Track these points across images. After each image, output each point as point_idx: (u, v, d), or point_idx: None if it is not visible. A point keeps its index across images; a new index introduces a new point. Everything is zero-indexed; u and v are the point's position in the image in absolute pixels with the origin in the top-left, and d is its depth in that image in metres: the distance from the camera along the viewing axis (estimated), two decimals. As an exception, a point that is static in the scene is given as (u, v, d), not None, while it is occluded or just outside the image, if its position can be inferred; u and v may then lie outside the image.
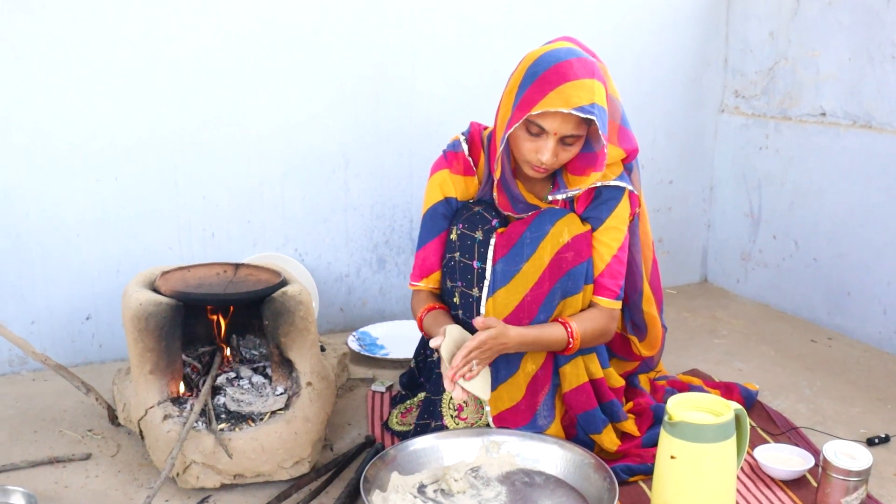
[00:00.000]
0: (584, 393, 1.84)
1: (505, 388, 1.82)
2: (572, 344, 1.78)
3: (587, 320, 1.80)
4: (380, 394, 2.26)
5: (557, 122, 1.65)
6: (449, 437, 1.82)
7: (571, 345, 1.78)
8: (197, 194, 2.49)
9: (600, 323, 1.81)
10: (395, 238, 2.76)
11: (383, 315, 2.81)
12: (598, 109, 1.64)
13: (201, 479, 1.76)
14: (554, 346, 1.78)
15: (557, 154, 1.69)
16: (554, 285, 1.78)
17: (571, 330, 1.77)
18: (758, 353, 2.59)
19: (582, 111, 1.62)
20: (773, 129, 2.93)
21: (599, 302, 1.83)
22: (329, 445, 1.99)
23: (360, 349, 2.53)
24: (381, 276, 2.78)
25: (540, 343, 1.76)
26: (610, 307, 1.83)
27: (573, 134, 1.67)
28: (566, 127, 1.66)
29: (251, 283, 1.95)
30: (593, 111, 1.63)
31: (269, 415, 1.83)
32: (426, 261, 1.92)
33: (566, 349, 1.79)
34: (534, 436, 1.81)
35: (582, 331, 1.78)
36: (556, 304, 1.79)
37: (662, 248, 3.21)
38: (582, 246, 1.79)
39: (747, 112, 3.05)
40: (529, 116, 1.65)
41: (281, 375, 1.91)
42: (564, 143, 1.69)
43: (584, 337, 1.78)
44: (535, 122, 1.66)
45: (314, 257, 2.68)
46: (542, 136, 1.68)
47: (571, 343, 1.78)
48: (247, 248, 2.58)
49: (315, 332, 1.92)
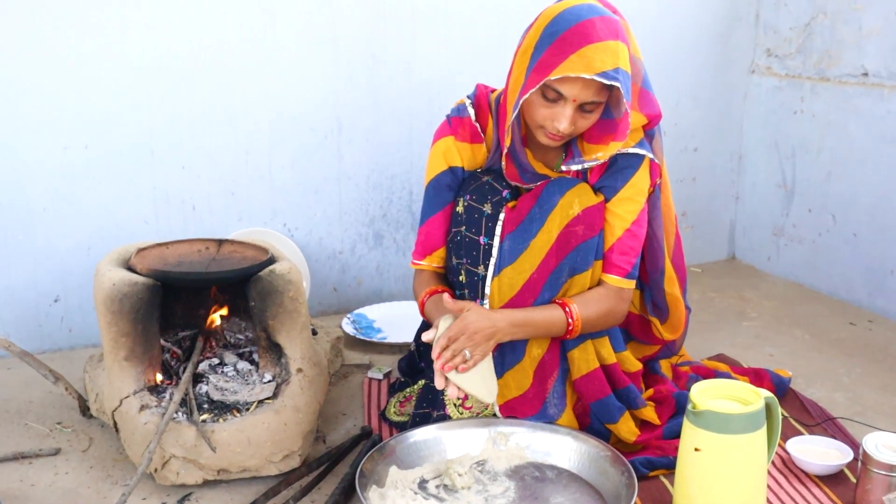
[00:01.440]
0: (595, 380, 1.84)
1: (511, 374, 1.82)
2: (573, 327, 1.76)
3: (591, 301, 1.79)
4: (377, 381, 2.26)
5: (578, 88, 1.63)
6: (452, 428, 1.81)
7: (572, 328, 1.76)
8: (175, 164, 2.48)
9: (606, 303, 1.80)
10: (393, 211, 2.75)
11: (380, 295, 2.81)
12: (623, 75, 1.62)
13: (182, 474, 1.76)
14: (552, 330, 1.77)
15: (575, 122, 1.68)
16: (561, 261, 1.77)
17: (571, 311, 1.76)
18: (791, 336, 2.59)
19: (605, 77, 1.60)
20: (809, 91, 2.91)
21: (607, 280, 1.81)
22: (322, 437, 1.99)
23: (355, 333, 2.53)
24: (378, 253, 2.77)
25: (534, 326, 1.74)
26: (619, 286, 1.81)
27: (593, 101, 1.66)
28: (587, 93, 1.64)
29: (236, 261, 1.95)
30: (617, 77, 1.60)
31: (256, 404, 1.83)
32: (429, 237, 1.91)
33: (567, 333, 1.78)
34: (544, 426, 1.81)
35: (584, 313, 1.77)
36: (562, 282, 1.78)
37: (686, 223, 3.20)
38: (594, 218, 1.78)
39: (781, 73, 3.03)
40: (547, 81, 1.63)
41: (269, 361, 1.91)
42: (583, 111, 1.68)
43: (586, 319, 1.77)
44: (552, 88, 1.64)
45: (305, 232, 2.67)
46: (560, 103, 1.66)
47: (572, 326, 1.76)
48: (231, 223, 2.57)
49: (306, 315, 1.92)
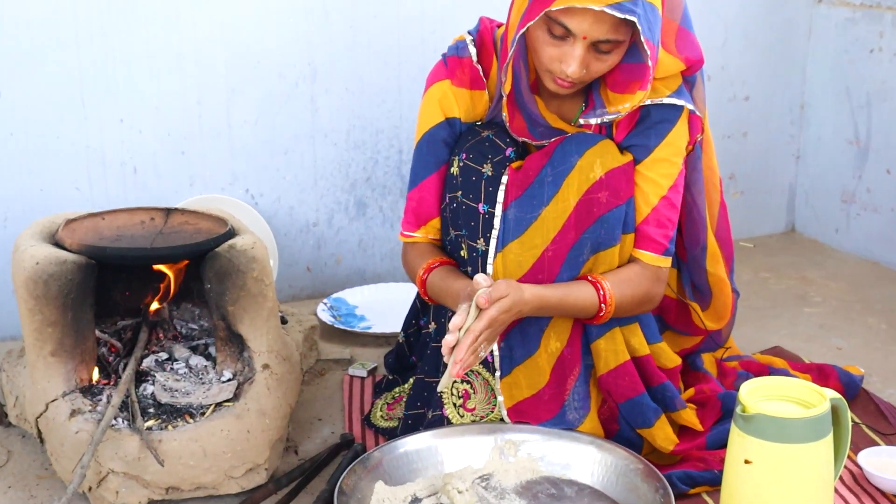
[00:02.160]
0: (625, 374, 1.85)
1: (522, 371, 1.83)
2: (605, 310, 1.77)
3: (625, 281, 1.79)
4: (359, 379, 2.26)
5: (588, 23, 1.62)
6: (451, 436, 1.81)
7: (604, 311, 1.77)
8: (112, 116, 2.47)
9: (642, 285, 1.81)
10: (378, 174, 2.75)
11: (363, 276, 2.80)
12: (644, 6, 1.62)
13: (122, 494, 1.75)
14: (582, 312, 1.78)
15: (588, 64, 1.68)
16: (581, 235, 1.77)
17: (604, 291, 1.77)
18: (863, 325, 2.58)
19: (619, 9, 1.59)
20: (889, 24, 2.89)
21: (642, 257, 1.82)
22: (293, 447, 2.00)
23: (333, 321, 2.53)
24: (361, 225, 2.77)
25: (564, 307, 1.76)
26: (655, 264, 1.82)
27: (610, 39, 1.65)
28: (599, 29, 1.63)
29: (187, 235, 1.94)
30: (635, 10, 1.60)
31: (213, 408, 1.83)
32: (423, 203, 1.92)
33: (597, 316, 1.79)
34: (562, 433, 1.81)
35: (619, 294, 1.77)
36: (584, 260, 1.79)
37: (734, 188, 3.19)
38: (620, 183, 1.78)
39: (854, 2, 3.01)
40: (549, 12, 1.63)
41: (228, 356, 1.91)
42: (598, 51, 1.67)
43: (620, 301, 1.78)
44: (557, 21, 1.64)
45: (271, 200, 2.67)
46: (568, 40, 1.66)
47: (604, 309, 1.77)
48: (181, 189, 2.57)
49: (273, 299, 1.92)
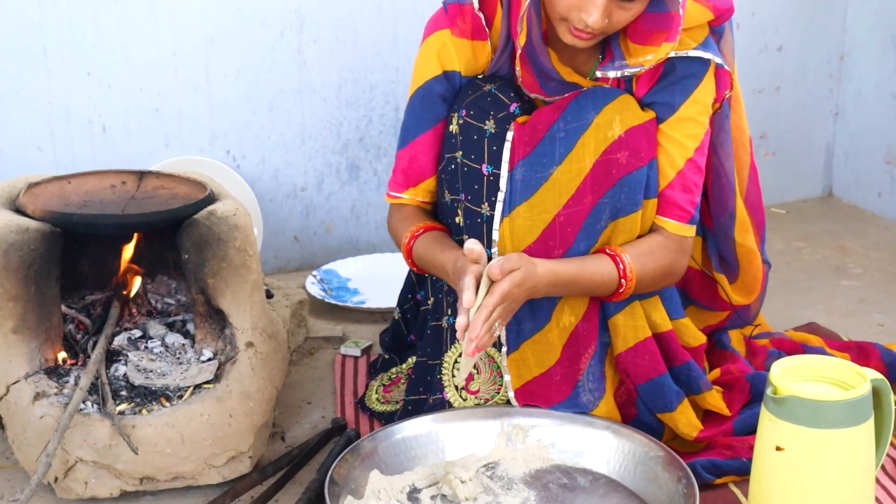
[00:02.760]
0: (645, 352, 1.85)
1: (531, 347, 1.83)
2: (625, 286, 1.78)
3: (646, 253, 1.80)
4: (352, 359, 2.26)
5: None
6: (453, 420, 1.82)
7: (624, 287, 1.78)
8: (78, 69, 2.47)
9: (666, 256, 1.82)
10: (373, 133, 2.74)
11: (357, 246, 2.81)
12: None
13: (92, 485, 1.75)
14: (599, 289, 1.79)
15: (610, 13, 1.68)
16: (599, 200, 1.77)
17: (624, 265, 1.77)
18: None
19: None
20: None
21: (665, 225, 1.83)
22: (280, 434, 2.00)
23: (323, 295, 2.53)
24: (354, 190, 2.77)
25: (579, 284, 1.76)
26: (680, 234, 1.83)
27: None
28: None
29: (163, 201, 1.94)
30: None
31: (192, 390, 1.83)
32: (414, 162, 1.92)
33: (616, 293, 1.79)
34: (575, 417, 1.82)
35: (640, 267, 1.78)
36: (601, 228, 1.79)
37: (766, 148, 3.18)
38: (641, 143, 1.77)
39: (899, -60, 3.00)
40: None
41: (208, 333, 1.92)
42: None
43: (642, 275, 1.78)
44: None
45: (255, 162, 2.67)
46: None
47: (624, 284, 1.78)
48: (156, 149, 2.57)
49: (258, 271, 1.92)
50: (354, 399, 2.11)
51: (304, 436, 2.00)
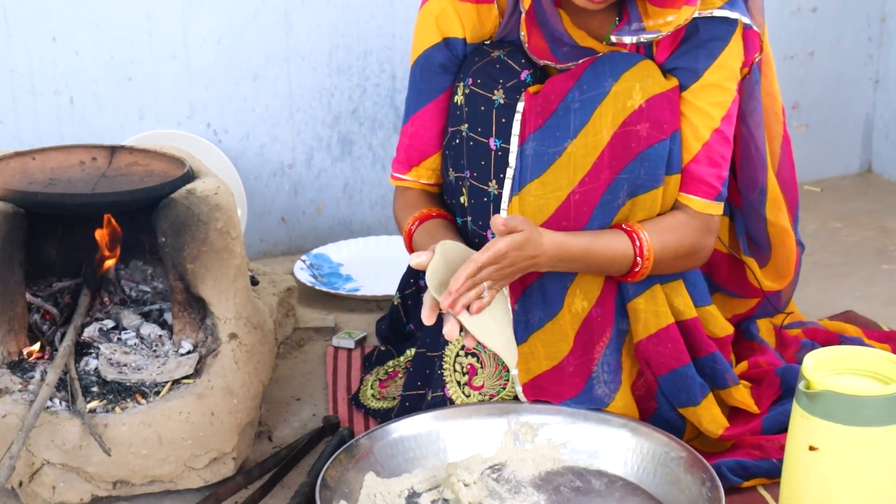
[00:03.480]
0: (668, 340, 1.85)
1: (540, 337, 1.83)
2: (641, 264, 1.78)
3: (668, 230, 1.80)
4: (346, 351, 2.27)
5: None
6: (455, 418, 1.82)
7: (640, 266, 1.78)
8: (43, 34, 2.45)
9: (690, 235, 1.82)
10: (367, 105, 2.74)
11: (350, 228, 2.81)
12: None
13: (60, 489, 1.74)
14: (612, 267, 1.78)
15: None
16: (617, 175, 1.77)
17: (641, 241, 1.77)
18: (954, 285, 2.59)
19: None
20: None
21: (690, 203, 1.83)
22: (267, 433, 2.01)
23: (313, 282, 2.54)
24: (347, 167, 2.78)
25: (589, 259, 1.75)
26: (706, 212, 1.83)
27: None
28: None
29: (137, 178, 1.94)
30: None
31: (170, 386, 1.84)
32: (417, 139, 1.92)
33: (632, 272, 1.79)
34: (589, 414, 1.82)
35: (659, 245, 1.78)
36: (619, 206, 1.79)
37: (798, 119, 3.17)
38: (663, 113, 1.77)
39: None
40: None
41: (187, 324, 1.92)
42: None
43: (661, 254, 1.78)
44: None
45: (238, 136, 2.66)
46: None
47: (640, 263, 1.78)
48: (129, 122, 2.56)
49: (242, 256, 1.93)
50: (348, 395, 2.11)
51: (292, 435, 2.00)
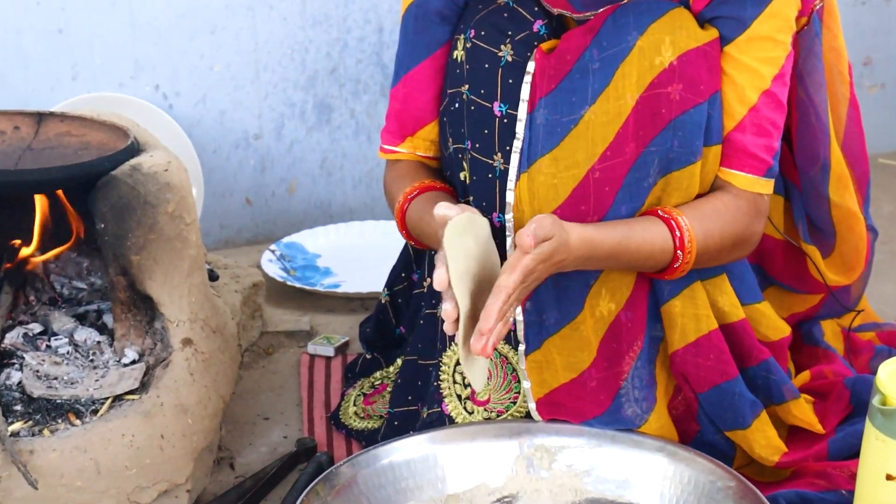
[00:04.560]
0: (710, 350, 1.85)
1: (556, 344, 1.83)
2: (683, 258, 1.78)
3: (711, 215, 1.80)
4: (323, 360, 2.28)
5: None
6: (456, 440, 1.82)
7: (681, 261, 1.78)
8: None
9: (736, 221, 1.82)
10: (348, 63, 2.76)
11: (328, 211, 2.83)
12: None
13: (-23, 528, 1.76)
14: (647, 263, 1.79)
15: None
16: (645, 148, 1.77)
17: (682, 230, 1.77)
18: None
19: None
20: None
21: (734, 180, 1.83)
22: (228, 460, 2.01)
23: (285, 277, 2.54)
24: (324, 137, 2.78)
25: (621, 256, 1.76)
26: (754, 190, 1.84)
27: None
28: None
29: (70, 152, 1.95)
30: None
31: (111, 403, 1.84)
32: (410, 103, 1.94)
33: (671, 269, 1.79)
34: (618, 436, 1.82)
35: (702, 234, 1.78)
36: (649, 186, 1.80)
37: (870, 79, 3.19)
38: (700, 71, 1.77)
39: None
40: None
41: (132, 328, 1.92)
42: None
43: (705, 245, 1.78)
44: None
45: (193, 101, 2.67)
46: None
47: (681, 257, 1.77)
48: (60, 84, 2.58)
49: (198, 246, 1.94)
50: (326, 413, 2.11)
51: (259, 462, 2.00)
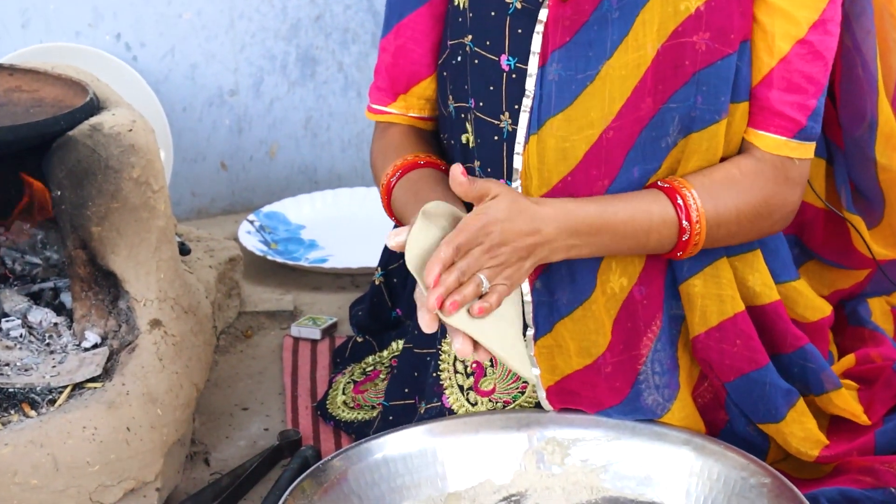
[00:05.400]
0: (736, 335, 1.86)
1: (569, 327, 1.84)
2: (691, 232, 1.78)
3: (724, 183, 1.81)
4: (309, 343, 2.29)
5: None
6: (458, 433, 1.84)
7: (688, 237, 1.78)
8: None
9: (759, 189, 1.82)
10: (335, 9, 2.77)
11: (314, 178, 2.85)
12: None
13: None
14: (649, 242, 1.79)
15: None
16: (664, 104, 1.79)
17: (686, 202, 1.78)
18: None
19: None
20: None
21: (758, 142, 1.84)
22: (203, 454, 2.02)
23: (265, 250, 2.55)
24: (309, 94, 2.80)
25: (616, 229, 1.76)
26: (784, 154, 1.83)
27: None
28: None
29: (20, 110, 1.97)
30: None
31: (70, 392, 1.85)
32: (403, 55, 1.96)
33: (677, 248, 1.80)
34: (637, 427, 1.84)
35: (713, 205, 1.79)
36: (667, 146, 1.81)
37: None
38: (730, 18, 1.77)
39: None
40: None
41: (93, 307, 1.94)
42: None
43: (717, 218, 1.79)
44: None
45: (160, 53, 2.68)
46: None
47: (689, 231, 1.78)
48: (9, 33, 2.58)
49: (167, 216, 1.95)
50: (312, 402, 2.12)
51: (237, 457, 2.01)
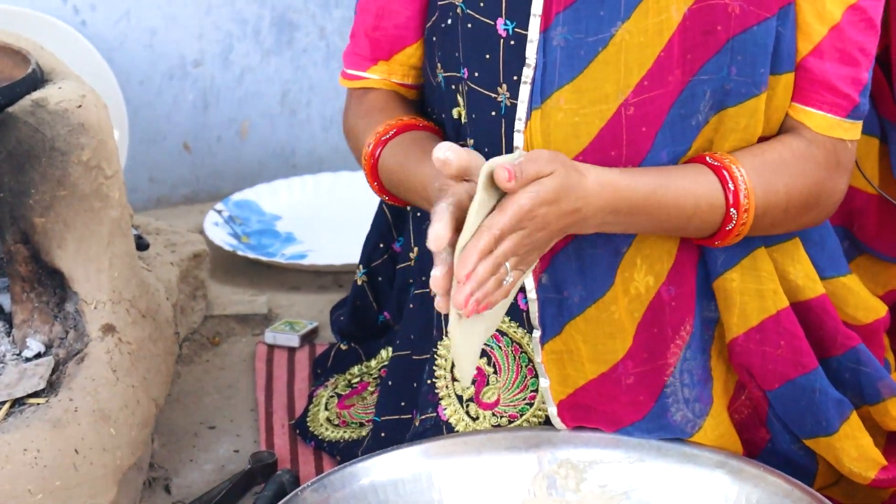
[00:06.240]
0: (780, 335, 1.88)
1: (581, 328, 1.86)
2: (737, 219, 1.81)
3: (775, 165, 1.83)
4: (285, 351, 2.30)
5: None
6: (457, 454, 1.84)
7: (735, 221, 1.81)
8: None
9: (809, 174, 1.85)
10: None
11: (291, 161, 2.87)
12: None
13: None
14: (691, 224, 1.82)
15: None
16: (695, 75, 1.81)
17: (736, 183, 1.79)
18: None
19: None
20: None
21: (808, 121, 1.86)
22: (163, 480, 2.03)
23: (235, 245, 2.56)
24: (286, 64, 2.81)
25: (658, 211, 1.79)
26: (834, 135, 1.86)
27: None
28: None
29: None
30: None
31: (9, 408, 1.86)
32: (385, 17, 2.00)
33: (722, 231, 1.82)
34: (665, 447, 1.85)
35: (763, 187, 1.81)
36: (698, 124, 1.83)
37: None
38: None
39: None
40: None
41: (36, 311, 1.95)
42: None
43: (767, 202, 1.82)
44: None
45: (113, 17, 2.69)
46: None
47: (736, 216, 1.80)
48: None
49: (122, 205, 1.96)
50: (289, 420, 2.13)
51: (203, 483, 2.02)
